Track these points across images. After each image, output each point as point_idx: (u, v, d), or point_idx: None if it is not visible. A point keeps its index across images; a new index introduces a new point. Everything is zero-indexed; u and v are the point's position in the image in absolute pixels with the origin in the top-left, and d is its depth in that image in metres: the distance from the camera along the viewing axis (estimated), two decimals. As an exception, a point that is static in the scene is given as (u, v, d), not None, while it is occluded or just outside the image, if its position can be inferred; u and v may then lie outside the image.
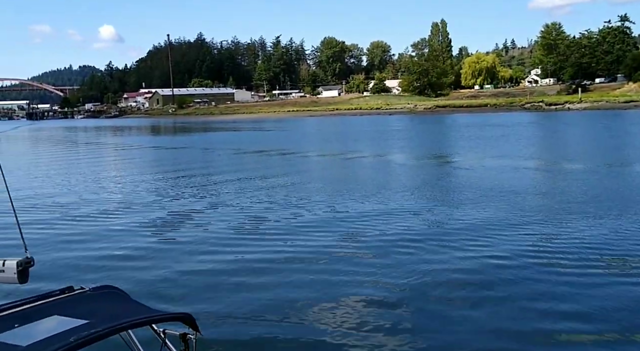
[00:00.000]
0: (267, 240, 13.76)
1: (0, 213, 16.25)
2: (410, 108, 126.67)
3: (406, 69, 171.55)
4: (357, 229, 14.63)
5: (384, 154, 37.87)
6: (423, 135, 57.18)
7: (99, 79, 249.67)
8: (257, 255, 12.41)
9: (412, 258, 11.79)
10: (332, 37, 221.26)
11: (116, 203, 20.41)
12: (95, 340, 2.78)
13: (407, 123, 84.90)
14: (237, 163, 35.13)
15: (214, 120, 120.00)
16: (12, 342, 2.73)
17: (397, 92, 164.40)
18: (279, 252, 12.55)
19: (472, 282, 10.15)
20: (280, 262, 11.74)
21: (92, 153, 48.55)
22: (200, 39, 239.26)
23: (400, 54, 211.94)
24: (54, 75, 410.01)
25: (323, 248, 12.83)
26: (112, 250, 13.18)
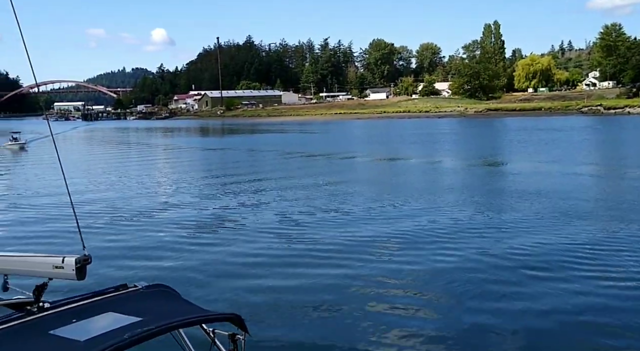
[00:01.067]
0: (311, 243, 13.85)
1: (61, 211, 17.14)
2: (460, 111, 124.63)
3: (457, 71, 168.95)
4: (401, 234, 14.53)
5: (431, 158, 37.41)
6: (472, 139, 56.16)
7: (150, 81, 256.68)
8: (304, 258, 12.52)
9: (458, 264, 11.61)
10: (381, 39, 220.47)
11: (166, 203, 21.02)
12: (148, 338, 2.88)
13: (457, 126, 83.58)
14: (282, 165, 35.46)
15: (261, 122, 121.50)
16: (70, 337, 2.86)
17: (446, 94, 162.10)
18: (325, 256, 12.61)
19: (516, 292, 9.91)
20: (324, 266, 11.79)
21: (144, 154, 49.99)
22: (249, 41, 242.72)
23: (451, 56, 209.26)
24: (108, 77, 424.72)
25: (367, 252, 12.82)
26: (163, 250, 13.59)
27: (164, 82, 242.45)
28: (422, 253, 12.53)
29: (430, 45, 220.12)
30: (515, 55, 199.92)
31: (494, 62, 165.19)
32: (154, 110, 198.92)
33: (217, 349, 3.51)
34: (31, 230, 16.06)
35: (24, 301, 3.80)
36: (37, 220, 17.78)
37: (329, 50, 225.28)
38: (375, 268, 11.57)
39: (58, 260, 3.46)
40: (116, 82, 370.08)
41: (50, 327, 2.99)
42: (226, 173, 31.18)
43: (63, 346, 2.77)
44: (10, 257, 3.75)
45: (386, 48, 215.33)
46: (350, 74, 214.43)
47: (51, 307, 3.28)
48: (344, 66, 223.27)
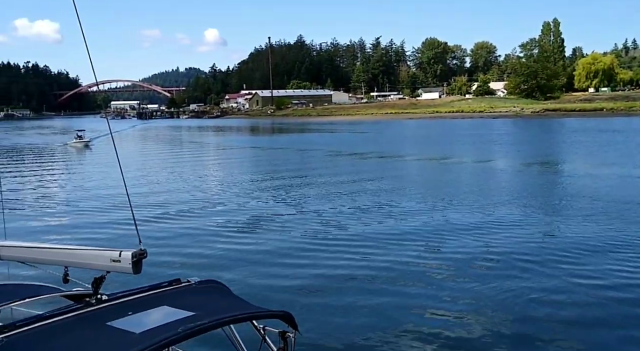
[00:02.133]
0: (359, 243, 13.84)
1: (119, 207, 17.82)
2: (516, 111, 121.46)
3: (513, 70, 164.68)
4: (451, 239, 14.30)
5: (484, 159, 36.65)
6: (528, 140, 54.62)
7: (203, 80, 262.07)
8: (351, 258, 12.52)
9: (510, 272, 11.33)
10: (434, 37, 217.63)
11: (217, 201, 21.50)
12: (201, 332, 2.96)
13: (512, 127, 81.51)
14: (331, 165, 35.56)
15: (310, 122, 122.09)
16: (126, 328, 2.98)
17: (502, 94, 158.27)
18: (372, 257, 12.59)
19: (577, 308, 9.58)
20: (374, 268, 11.75)
21: (196, 152, 51.15)
22: (300, 41, 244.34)
23: (507, 55, 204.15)
24: (162, 77, 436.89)
25: (417, 256, 12.71)
26: (214, 245, 13.94)
27: (215, 82, 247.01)
28: (472, 258, 12.29)
29: (485, 43, 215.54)
30: (575, 54, 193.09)
31: (552, 61, 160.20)
32: (206, 109, 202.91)
33: (267, 346, 3.57)
34: (91, 225, 16.75)
35: (82, 293, 3.97)
36: (96, 215, 18.51)
37: (380, 50, 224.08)
38: (423, 270, 11.45)
39: (115, 253, 3.59)
40: (170, 82, 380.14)
41: (108, 319, 3.11)
42: (274, 172, 31.55)
43: (119, 338, 2.88)
44: (70, 250, 3.93)
45: (439, 47, 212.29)
46: (402, 73, 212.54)
47: (108, 299, 3.41)
48: (396, 65, 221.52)
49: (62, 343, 2.88)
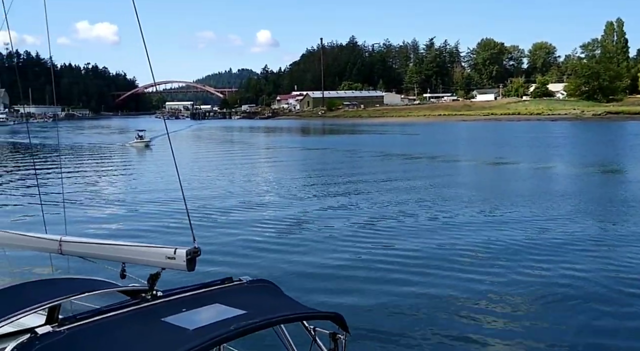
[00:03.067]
0: (406, 247, 13.79)
1: (174, 206, 18.37)
2: (576, 114, 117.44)
3: (573, 71, 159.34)
4: (502, 240, 14.07)
5: (541, 162, 35.63)
6: (589, 144, 52.68)
7: (254, 81, 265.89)
8: (403, 260, 12.48)
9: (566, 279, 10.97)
10: (490, 38, 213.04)
11: (267, 201, 21.88)
12: (252, 331, 3.00)
13: (572, 130, 78.88)
14: (381, 166, 35.47)
15: (361, 123, 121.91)
16: (180, 325, 3.05)
17: (561, 96, 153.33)
18: (421, 260, 12.52)
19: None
20: (420, 273, 11.65)
21: (246, 153, 51.96)
22: (352, 42, 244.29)
23: (567, 56, 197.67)
24: (215, 78, 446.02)
25: (466, 259, 12.54)
26: (263, 244, 14.19)
27: (267, 83, 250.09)
28: (524, 266, 11.98)
29: (544, 44, 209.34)
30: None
31: (615, 62, 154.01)
32: (258, 110, 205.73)
33: (318, 347, 3.58)
34: (147, 222, 17.32)
35: (138, 288, 4.10)
36: (152, 212, 19.13)
37: (434, 50, 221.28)
38: (473, 277, 11.26)
39: (170, 251, 3.70)
40: (223, 83, 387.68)
41: (162, 315, 3.20)
42: (323, 173, 31.79)
43: (173, 334, 2.96)
44: (128, 246, 4.07)
45: (495, 47, 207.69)
46: (456, 74, 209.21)
47: (163, 296, 3.50)
48: (450, 66, 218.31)
49: (119, 336, 2.98)
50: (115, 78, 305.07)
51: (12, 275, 7.46)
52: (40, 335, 2.83)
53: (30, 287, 4.60)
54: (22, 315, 3.74)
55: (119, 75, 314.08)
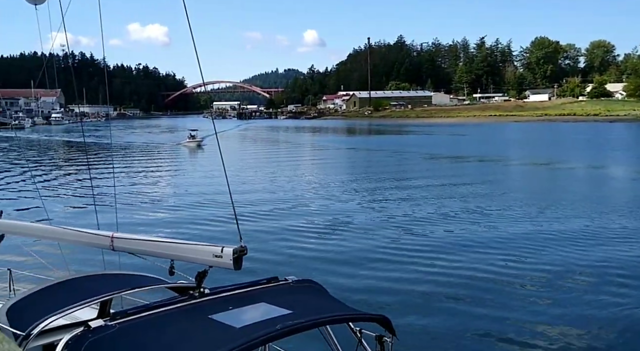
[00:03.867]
0: (459, 251, 13.56)
1: (221, 205, 18.72)
2: (636, 115, 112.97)
3: (633, 71, 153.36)
4: (549, 248, 13.68)
5: (597, 166, 34.40)
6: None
7: (301, 81, 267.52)
8: (449, 263, 12.33)
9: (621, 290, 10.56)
10: (544, 36, 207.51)
11: (311, 200, 22.02)
12: (298, 331, 3.03)
13: (632, 132, 75.88)
14: (425, 167, 35.11)
15: (408, 123, 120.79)
16: (227, 322, 3.11)
17: (620, 97, 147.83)
18: (466, 263, 12.35)
19: None
20: (467, 275, 11.48)
21: (292, 153, 52.34)
22: (400, 41, 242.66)
23: (627, 55, 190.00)
24: (261, 78, 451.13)
25: (513, 264, 12.30)
26: (307, 244, 14.32)
27: (313, 83, 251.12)
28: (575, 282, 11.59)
29: (602, 42, 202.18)
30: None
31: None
32: (303, 109, 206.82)
33: (364, 349, 3.58)
34: (195, 221, 17.64)
35: (186, 285, 4.21)
36: (200, 211, 19.48)
37: (485, 49, 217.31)
38: (520, 280, 10.98)
39: (217, 249, 3.77)
40: (269, 83, 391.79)
41: (210, 312, 3.27)
42: (368, 173, 31.75)
43: (220, 331, 3.02)
44: (176, 244, 4.18)
45: (550, 46, 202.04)
46: (508, 74, 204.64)
47: (210, 293, 3.58)
48: (501, 66, 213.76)
49: (168, 332, 3.07)
50: (164, 78, 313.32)
51: (66, 269, 7.76)
52: (93, 328, 2.94)
53: (83, 281, 4.79)
54: (76, 308, 3.89)
55: (169, 75, 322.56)
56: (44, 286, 4.64)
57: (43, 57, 9.26)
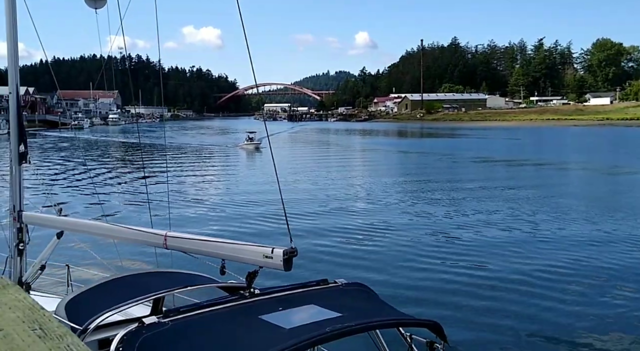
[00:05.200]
0: (511, 255, 13.29)
1: (271, 206, 18.96)
2: None
3: None
4: (607, 253, 13.22)
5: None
6: None
7: (352, 83, 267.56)
8: (501, 268, 12.12)
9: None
10: (606, 38, 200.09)
11: (361, 204, 21.98)
12: (347, 334, 3.02)
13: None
14: (480, 172, 34.50)
15: (461, 127, 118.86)
16: (276, 323, 3.14)
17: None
18: (518, 267, 12.12)
19: None
20: (527, 282, 11.18)
21: (342, 155, 52.34)
22: (454, 43, 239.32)
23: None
24: (312, 80, 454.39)
25: (568, 269, 12.02)
26: (358, 248, 14.25)
27: (365, 85, 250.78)
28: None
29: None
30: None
31: None
32: (354, 112, 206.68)
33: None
34: (246, 222, 17.88)
35: (237, 285, 4.28)
36: (251, 213, 19.71)
37: (543, 51, 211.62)
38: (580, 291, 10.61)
39: (268, 250, 3.81)
40: (320, 85, 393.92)
41: (260, 312, 3.31)
42: (419, 176, 31.58)
43: (270, 332, 3.05)
44: (228, 244, 4.25)
45: (612, 48, 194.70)
46: (568, 76, 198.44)
47: (260, 294, 3.62)
48: (560, 68, 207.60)
49: (219, 331, 3.12)
50: (217, 80, 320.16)
51: (120, 266, 8.04)
52: (147, 325, 3.02)
53: (137, 279, 4.94)
54: (130, 305, 4.01)
55: (221, 77, 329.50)
56: (100, 283, 4.81)
57: (102, 60, 9.60)
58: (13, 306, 1.23)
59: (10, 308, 1.22)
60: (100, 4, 7.57)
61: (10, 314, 1.19)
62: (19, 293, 1.34)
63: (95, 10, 7.59)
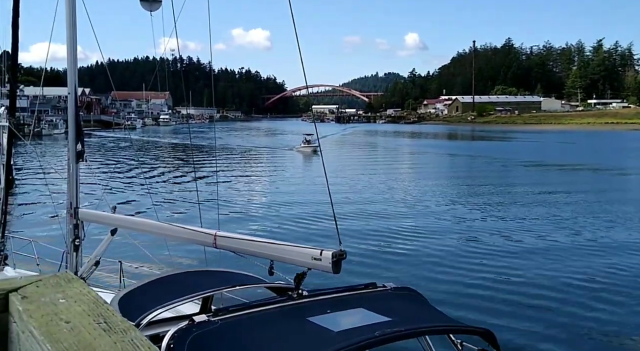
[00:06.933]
0: (566, 262, 13.00)
1: (321, 209, 19.07)
2: None
3: None
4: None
5: None
6: None
7: (401, 85, 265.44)
8: (556, 275, 11.86)
9: None
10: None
11: (410, 207, 21.82)
12: (397, 339, 2.99)
13: None
14: (530, 175, 33.79)
15: (514, 130, 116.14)
16: (324, 326, 3.14)
17: None
18: (581, 278, 11.75)
19: None
20: (583, 292, 10.85)
21: (391, 157, 52.10)
22: (508, 44, 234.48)
23: None
24: (360, 82, 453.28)
25: (621, 277, 11.65)
26: (406, 252, 14.19)
27: (414, 87, 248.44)
28: None
29: None
30: None
31: None
32: (403, 114, 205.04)
33: None
34: (294, 224, 18.07)
35: (285, 286, 4.31)
36: (300, 215, 19.83)
37: (602, 53, 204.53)
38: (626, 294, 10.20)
39: (316, 252, 3.82)
40: (368, 87, 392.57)
41: (308, 314, 3.31)
42: (468, 180, 31.21)
43: (318, 334, 3.05)
44: (276, 245, 4.29)
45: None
46: (628, 78, 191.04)
47: (309, 295, 3.63)
48: (621, 70, 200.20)
49: (268, 331, 3.15)
50: (265, 82, 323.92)
51: (170, 263, 8.23)
52: (197, 323, 3.08)
53: (187, 277, 5.04)
54: (180, 302, 4.10)
55: (269, 78, 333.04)
56: (151, 280, 4.93)
57: (155, 62, 9.88)
58: (78, 300, 1.29)
59: (76, 301, 1.28)
60: (156, 6, 7.80)
61: (77, 307, 1.25)
62: (84, 287, 1.40)
63: (150, 12, 7.83)
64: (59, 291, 1.35)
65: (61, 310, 1.23)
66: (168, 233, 5.53)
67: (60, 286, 1.39)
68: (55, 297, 1.30)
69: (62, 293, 1.33)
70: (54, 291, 1.35)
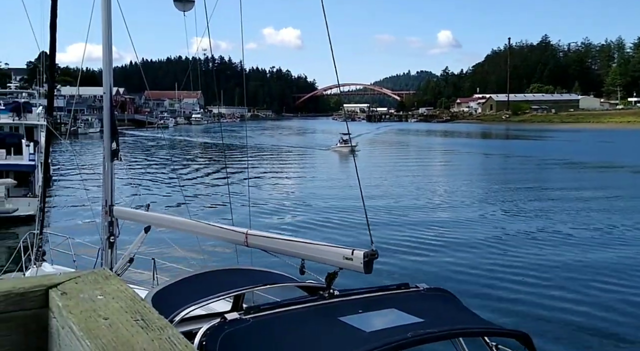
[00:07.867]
0: (610, 268, 12.75)
1: (352, 208, 19.11)
2: None
3: None
4: None
5: None
6: None
7: (434, 84, 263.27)
8: (597, 282, 11.65)
9: None
10: None
11: (442, 208, 21.72)
12: (430, 341, 2.97)
13: None
14: (567, 176, 33.26)
15: (551, 128, 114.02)
16: (356, 326, 3.13)
17: None
18: (621, 284, 11.52)
19: None
20: (624, 298, 10.59)
21: (423, 156, 51.71)
22: (544, 41, 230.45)
23: None
24: (392, 80, 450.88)
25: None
26: (439, 252, 14.12)
27: (447, 85, 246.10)
28: None
29: None
30: None
31: None
32: (435, 113, 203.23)
33: None
34: (326, 222, 18.16)
35: (316, 285, 4.32)
36: (331, 215, 19.82)
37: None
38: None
39: (348, 251, 3.82)
40: (400, 85, 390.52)
41: (339, 314, 3.31)
42: (502, 180, 30.81)
43: (349, 334, 3.05)
44: (308, 244, 4.30)
45: None
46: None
47: (340, 295, 3.62)
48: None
49: (299, 330, 3.16)
50: (296, 81, 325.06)
51: (202, 261, 8.33)
52: (229, 321, 3.11)
53: (219, 274, 5.10)
54: (212, 300, 4.15)
55: (300, 77, 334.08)
56: (184, 277, 5.00)
57: (188, 61, 10.01)
58: (116, 297, 1.33)
59: (114, 298, 1.32)
60: (189, 6, 7.91)
61: (114, 304, 1.28)
62: (121, 284, 1.44)
63: (183, 13, 7.94)
64: (97, 287, 1.39)
65: (99, 306, 1.27)
66: (200, 231, 5.60)
67: (98, 282, 1.43)
68: (94, 294, 1.35)
69: (100, 290, 1.37)
70: (92, 287, 1.39)
